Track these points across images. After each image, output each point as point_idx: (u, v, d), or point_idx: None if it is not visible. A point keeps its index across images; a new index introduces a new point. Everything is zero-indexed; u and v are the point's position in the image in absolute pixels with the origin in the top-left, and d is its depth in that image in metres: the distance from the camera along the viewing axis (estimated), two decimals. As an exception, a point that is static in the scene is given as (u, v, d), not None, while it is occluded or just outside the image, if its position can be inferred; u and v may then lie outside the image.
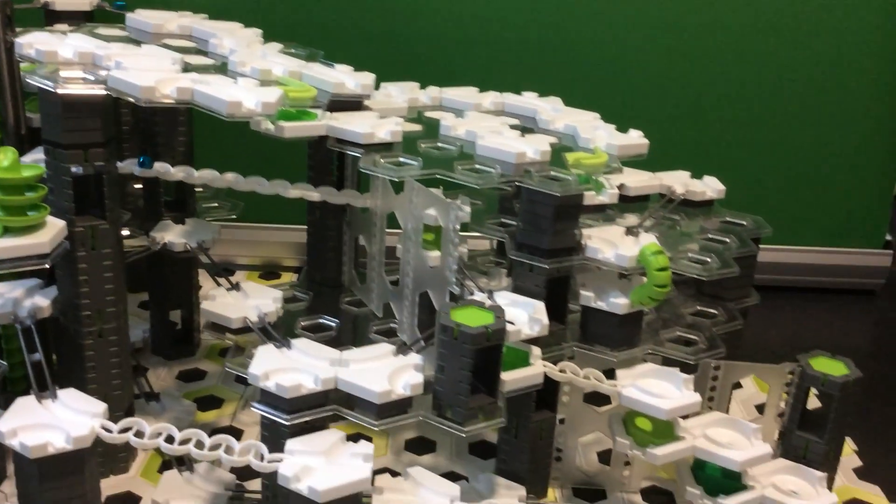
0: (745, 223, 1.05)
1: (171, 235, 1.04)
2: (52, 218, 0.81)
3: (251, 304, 0.91)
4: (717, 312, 1.02)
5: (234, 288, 0.94)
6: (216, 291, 0.94)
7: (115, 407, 0.88)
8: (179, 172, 0.98)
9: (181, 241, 1.04)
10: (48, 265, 0.79)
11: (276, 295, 0.94)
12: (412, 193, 0.90)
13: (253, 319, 0.88)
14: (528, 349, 0.83)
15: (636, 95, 1.42)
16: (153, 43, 0.95)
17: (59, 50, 0.85)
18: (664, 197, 1.03)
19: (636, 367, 0.88)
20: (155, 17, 1.03)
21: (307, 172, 1.04)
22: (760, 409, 1.00)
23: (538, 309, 0.84)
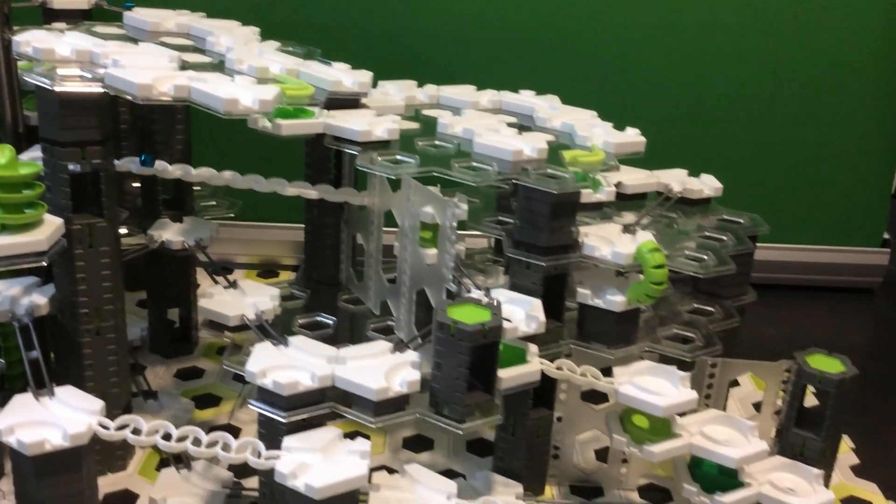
0: (742, 221, 1.05)
1: (168, 234, 1.04)
2: (49, 216, 0.81)
3: (249, 301, 0.91)
4: (714, 310, 1.02)
5: (231, 286, 0.94)
6: (214, 289, 0.94)
7: (112, 405, 0.88)
8: (177, 170, 0.98)
9: (179, 239, 1.04)
10: (45, 263, 0.79)
11: (273, 293, 0.94)
12: (409, 191, 0.90)
13: (250, 317, 0.88)
14: (525, 347, 0.83)
15: (634, 94, 1.42)
16: (151, 41, 0.95)
17: (56, 48, 0.85)
18: (661, 195, 1.03)
19: (633, 364, 0.88)
20: (152, 15, 1.03)
21: (305, 171, 1.04)
22: (758, 407, 1.00)
23: (535, 306, 0.84)
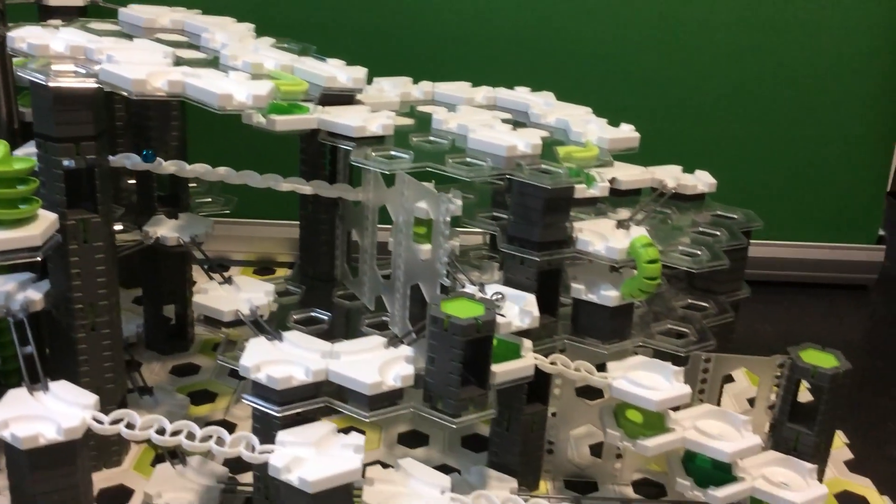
0: (736, 217, 1.06)
1: (163, 230, 1.04)
2: (43, 211, 0.81)
3: (243, 297, 0.91)
4: (708, 305, 1.02)
5: (226, 281, 0.94)
6: (208, 285, 0.94)
7: (107, 400, 0.88)
8: (171, 166, 0.98)
9: (174, 235, 1.04)
10: (40, 258, 0.79)
11: (268, 288, 0.94)
12: (403, 187, 0.90)
13: (245, 312, 0.88)
14: (519, 342, 0.83)
15: (629, 90, 1.43)
16: (145, 38, 0.95)
17: (50, 44, 0.85)
18: (656, 191, 1.03)
19: (627, 359, 0.88)
20: (147, 11, 1.03)
21: (299, 166, 1.04)
22: (753, 402, 1.00)
23: (529, 301, 0.84)
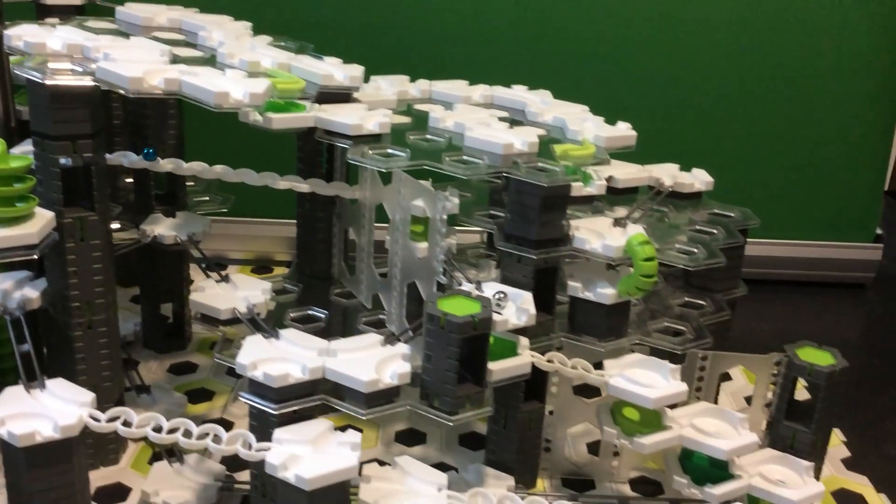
0: (732, 215, 1.05)
1: (161, 228, 1.04)
2: (40, 209, 0.81)
3: (240, 295, 0.91)
4: (704, 304, 1.02)
5: (223, 280, 0.94)
6: (205, 283, 0.94)
7: (104, 399, 0.88)
8: (168, 164, 0.98)
9: (171, 233, 1.04)
10: (36, 256, 0.79)
11: (265, 286, 0.94)
12: (400, 185, 0.90)
13: (242, 311, 0.88)
14: (515, 339, 0.83)
15: (627, 89, 1.43)
16: (142, 36, 0.95)
17: (47, 42, 0.85)
18: (653, 189, 1.04)
19: (624, 357, 0.88)
20: (144, 10, 1.04)
21: (296, 165, 1.04)
22: (750, 401, 1.00)
23: (526, 299, 0.84)
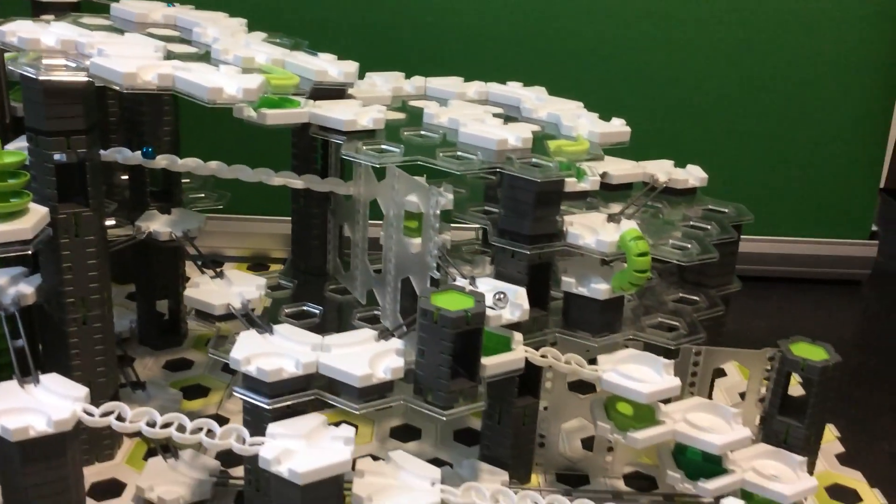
0: (727, 211, 1.06)
1: (156, 225, 1.04)
2: (34, 205, 0.82)
3: (235, 291, 0.91)
4: (698, 299, 1.02)
5: (218, 276, 0.95)
6: (200, 279, 0.94)
7: (99, 394, 0.88)
8: (163, 160, 0.98)
9: (166, 230, 1.04)
10: (30, 251, 0.79)
11: (259, 282, 0.94)
12: (394, 180, 0.90)
13: (236, 306, 0.88)
14: (509, 335, 0.83)
15: (623, 86, 1.43)
16: (137, 32, 0.95)
17: (41, 38, 0.85)
18: (647, 185, 1.04)
19: (617, 352, 0.89)
20: (139, 6, 1.04)
21: (291, 161, 1.04)
22: (744, 396, 1.00)
23: (519, 294, 0.84)
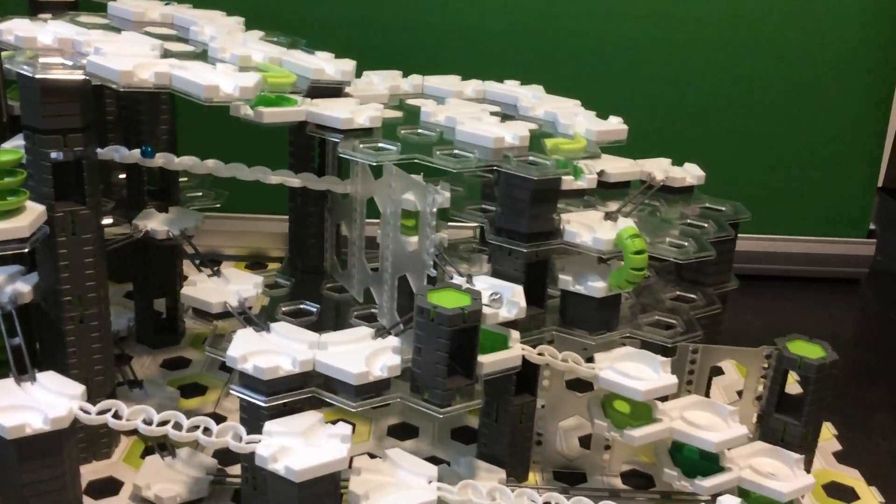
0: (724, 209, 1.06)
1: (153, 223, 1.04)
2: (31, 203, 0.82)
3: (232, 289, 0.91)
4: (696, 297, 1.02)
5: (215, 274, 0.95)
6: (197, 277, 0.94)
7: (96, 392, 0.88)
8: (160, 159, 0.98)
9: (164, 228, 1.04)
10: (27, 249, 0.79)
11: (256, 280, 0.94)
12: (391, 178, 0.90)
13: (233, 304, 0.88)
14: (506, 333, 0.83)
15: (620, 84, 1.43)
16: (134, 31, 0.95)
17: (38, 36, 0.85)
18: (644, 183, 1.04)
19: (614, 350, 0.89)
20: (137, 5, 1.04)
21: (288, 159, 1.04)
22: (742, 395, 1.00)
23: (516, 292, 0.84)
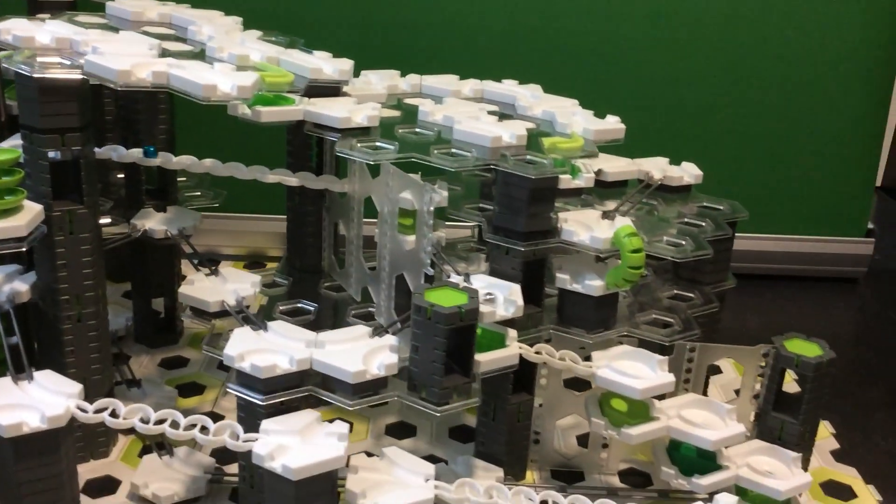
0: (721, 208, 1.06)
1: (151, 222, 1.05)
2: (29, 202, 0.82)
3: (229, 288, 0.91)
4: (693, 296, 1.02)
5: (212, 273, 0.95)
6: (195, 276, 0.94)
7: (94, 392, 0.88)
8: (158, 158, 0.99)
9: (162, 228, 1.04)
10: (25, 248, 0.79)
11: (254, 279, 0.94)
12: (388, 177, 0.90)
13: (231, 303, 0.88)
14: (504, 331, 0.83)
15: (618, 84, 1.43)
16: (133, 30, 0.95)
17: (36, 36, 0.85)
18: (642, 182, 1.04)
19: (611, 348, 0.89)
20: (135, 5, 1.04)
21: (286, 158, 1.04)
22: (740, 393, 1.00)
23: (514, 291, 0.84)
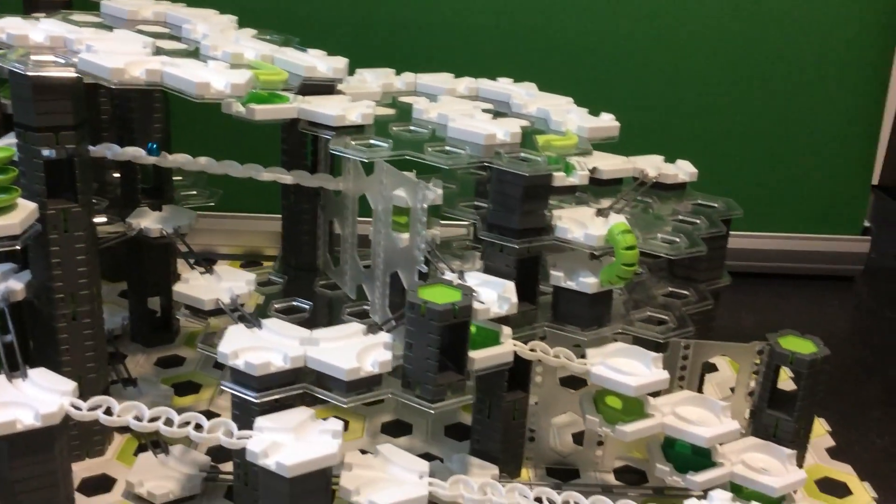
0: (716, 205, 1.06)
1: (147, 221, 1.05)
2: (23, 200, 0.82)
3: (224, 286, 0.91)
4: (688, 293, 1.02)
5: (207, 271, 0.95)
6: (189, 274, 0.94)
7: (89, 390, 0.88)
8: (160, 156, 0.99)
9: (157, 226, 1.04)
10: (19, 246, 0.79)
11: (249, 278, 0.94)
12: (382, 175, 0.91)
13: (225, 301, 0.88)
14: (498, 329, 0.83)
15: (613, 82, 1.43)
16: (127, 29, 0.95)
17: (30, 34, 0.86)
18: (637, 180, 1.04)
19: (606, 345, 0.89)
20: (130, 3, 1.04)
21: (281, 157, 1.04)
22: (734, 391, 1.01)
23: (508, 288, 0.84)
